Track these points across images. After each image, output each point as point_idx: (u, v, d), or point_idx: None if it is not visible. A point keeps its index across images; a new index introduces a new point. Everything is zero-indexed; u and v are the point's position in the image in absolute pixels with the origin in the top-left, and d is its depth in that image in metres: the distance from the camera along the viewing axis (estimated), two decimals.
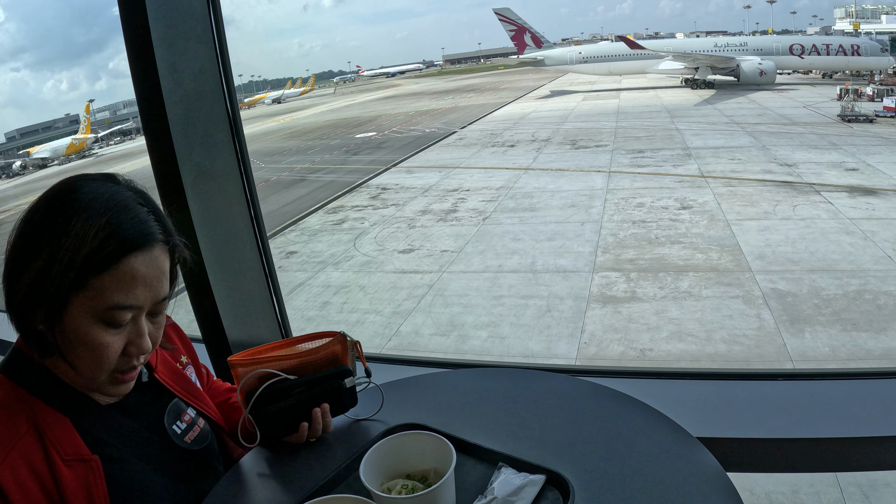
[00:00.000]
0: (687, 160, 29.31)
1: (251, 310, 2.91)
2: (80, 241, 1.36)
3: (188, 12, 2.54)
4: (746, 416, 2.35)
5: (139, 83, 2.43)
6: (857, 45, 59.16)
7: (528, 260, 18.48)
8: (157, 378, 1.74)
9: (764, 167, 27.22)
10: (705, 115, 42.48)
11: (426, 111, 61.56)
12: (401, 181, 30.38)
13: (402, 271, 18.65)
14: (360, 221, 24.05)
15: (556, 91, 69.26)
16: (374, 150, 40.44)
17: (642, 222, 20.87)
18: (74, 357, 1.44)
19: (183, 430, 1.71)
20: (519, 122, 46.58)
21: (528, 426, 1.77)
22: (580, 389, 1.96)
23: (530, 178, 28.01)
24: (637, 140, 34.87)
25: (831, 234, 18.77)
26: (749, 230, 19.37)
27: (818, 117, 39.43)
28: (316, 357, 1.87)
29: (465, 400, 1.98)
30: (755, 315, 14.28)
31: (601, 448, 1.66)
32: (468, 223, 22.50)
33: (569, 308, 15.31)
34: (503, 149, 35.90)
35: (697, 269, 16.90)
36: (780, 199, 22.35)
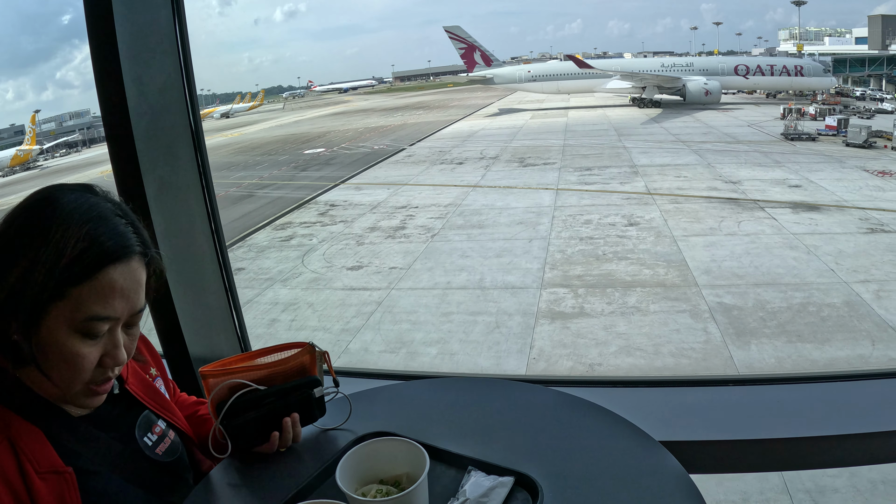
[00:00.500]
0: (634, 177, 29.75)
1: (212, 324, 2.89)
2: (59, 251, 1.36)
3: (154, 24, 2.53)
4: (705, 420, 2.41)
5: (104, 94, 2.40)
6: (801, 66, 60.92)
7: (477, 277, 18.53)
8: (128, 390, 1.73)
9: (709, 184, 27.79)
10: (652, 133, 43.17)
11: (375, 128, 61.49)
12: (349, 198, 30.31)
13: (351, 288, 18.57)
14: (308, 238, 23.94)
15: (504, 109, 69.89)
16: (323, 166, 40.34)
17: (590, 239, 21.08)
18: (49, 368, 1.43)
19: (154, 441, 1.71)
20: (467, 139, 46.89)
21: (495, 432, 1.81)
22: (545, 398, 1.99)
23: (478, 196, 28.17)
24: (585, 158, 35.28)
25: (775, 248, 19.22)
26: (695, 246, 19.71)
27: (762, 136, 40.38)
28: (285, 367, 1.88)
29: (432, 409, 2.01)
30: (702, 329, 14.52)
31: (566, 452, 1.70)
32: (417, 240, 22.51)
33: (517, 324, 15.38)
34: (452, 166, 36.11)
35: (645, 284, 17.12)
36: (726, 215, 22.81)
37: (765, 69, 61.21)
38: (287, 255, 22.02)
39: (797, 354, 13.34)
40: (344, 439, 1.85)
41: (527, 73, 70.32)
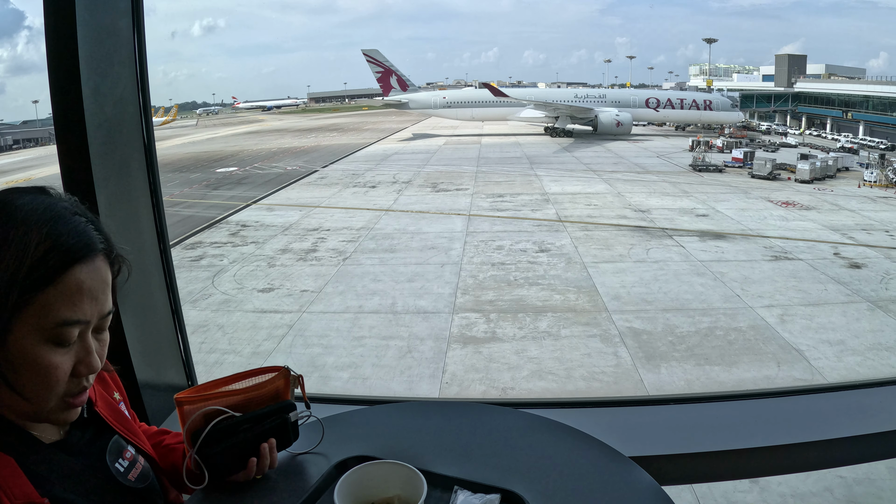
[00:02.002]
0: (545, 205, 30.30)
1: (159, 349, 2.80)
2: (20, 256, 1.29)
3: (114, 33, 2.46)
4: (670, 436, 2.51)
5: (61, 104, 2.31)
6: (710, 101, 63.41)
7: (389, 301, 18.53)
8: (97, 413, 1.65)
9: (619, 212, 28.54)
10: (564, 162, 44.11)
11: (289, 148, 61.13)
12: (261, 218, 30.00)
13: (262, 311, 18.34)
14: (218, 258, 23.56)
15: (418, 134, 70.38)
16: (235, 185, 39.87)
17: (501, 264, 21.32)
18: (21, 384, 1.35)
19: (125, 468, 1.64)
20: (381, 163, 47.04)
21: (475, 453, 1.82)
22: (516, 420, 2.02)
23: (391, 220, 28.22)
24: (497, 185, 35.83)
25: (683, 275, 19.85)
26: (605, 272, 20.17)
27: (671, 167, 41.74)
28: (261, 393, 1.85)
29: (408, 432, 2.00)
30: (612, 353, 14.84)
31: (545, 470, 1.74)
32: (328, 263, 22.40)
33: (430, 349, 15.43)
34: (364, 189, 36.11)
35: (556, 309, 17.38)
36: (635, 242, 23.44)
37: (675, 102, 63.54)
38: (197, 275, 21.57)
39: (706, 377, 13.75)
40: (319, 463, 1.83)
41: (442, 99, 70.96)
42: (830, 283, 19.59)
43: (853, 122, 69.01)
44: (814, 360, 14.58)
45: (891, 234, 25.89)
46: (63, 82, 2.34)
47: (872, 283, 19.82)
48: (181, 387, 2.97)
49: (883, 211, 30.73)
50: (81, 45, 2.30)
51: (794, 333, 15.78)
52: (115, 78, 2.50)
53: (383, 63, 71.59)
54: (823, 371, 14.13)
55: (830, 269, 20.86)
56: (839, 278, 20.00)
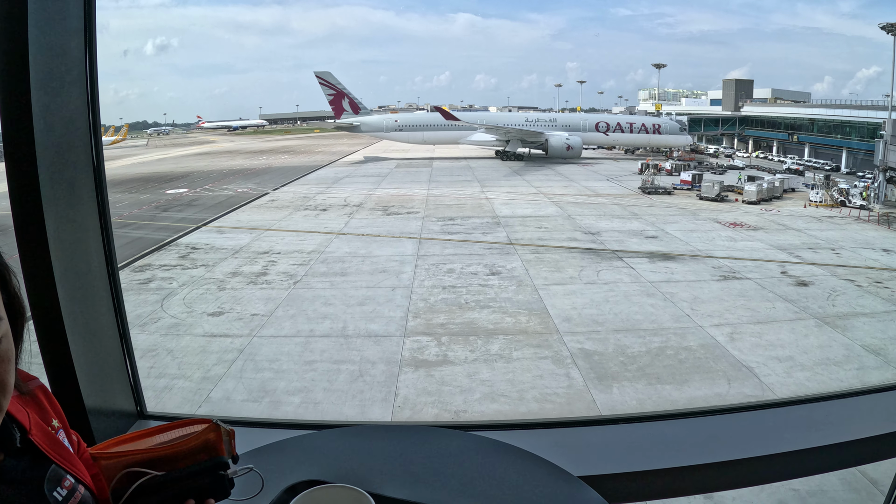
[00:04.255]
0: (496, 228, 30.49)
1: (106, 373, 2.75)
2: None
3: (65, 52, 2.43)
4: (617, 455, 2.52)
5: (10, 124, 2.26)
6: (658, 125, 64.47)
7: (340, 325, 18.46)
8: (31, 441, 1.57)
9: (569, 235, 28.82)
10: (514, 185, 44.44)
11: (240, 170, 60.78)
12: (211, 241, 29.75)
13: (212, 335, 18.14)
14: (168, 281, 23.27)
15: (370, 157, 70.39)
16: (186, 207, 39.46)
17: (452, 287, 21.35)
18: None
19: (64, 496, 1.56)
20: (332, 186, 47.01)
21: (425, 476, 1.82)
22: (464, 442, 2.02)
23: (342, 243, 28.17)
24: (448, 208, 35.96)
25: (634, 296, 20.09)
26: (556, 294, 20.30)
27: (621, 189, 42.28)
28: (189, 447, 1.75)
29: (357, 455, 1.99)
30: (564, 374, 14.94)
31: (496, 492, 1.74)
32: (279, 286, 22.27)
33: (381, 372, 15.41)
34: (315, 212, 36.02)
35: (507, 332, 17.45)
36: (585, 264, 23.65)
37: (624, 126, 64.56)
38: (146, 298, 21.25)
39: (658, 395, 13.90)
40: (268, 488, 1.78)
41: (394, 122, 71.04)
42: (778, 300, 19.97)
43: (799, 144, 70.68)
44: (764, 376, 14.85)
45: (836, 252, 26.55)
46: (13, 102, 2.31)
47: (819, 299, 20.26)
48: (130, 412, 2.91)
49: (828, 230, 31.55)
50: (33, 65, 2.27)
51: (744, 351, 16.06)
52: (65, 97, 2.47)
53: (335, 86, 71.48)
54: (774, 387, 14.39)
55: (778, 288, 21.27)
56: (787, 296, 20.40)
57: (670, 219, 32.82)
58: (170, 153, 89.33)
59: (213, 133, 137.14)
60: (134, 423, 2.92)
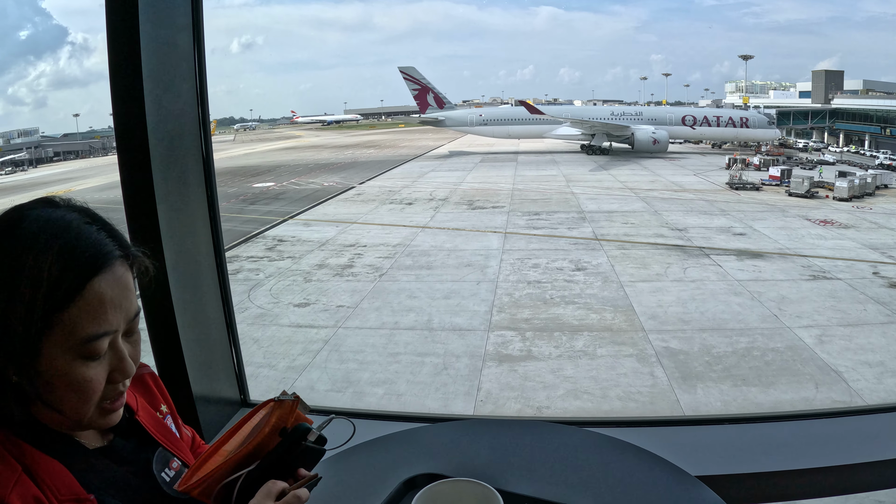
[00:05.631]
0: (581, 223, 30.10)
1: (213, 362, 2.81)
2: (36, 280, 1.25)
3: (175, 47, 2.48)
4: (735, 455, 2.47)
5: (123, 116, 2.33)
6: (746, 118, 62.65)
7: (425, 317, 18.45)
8: (138, 422, 1.63)
9: (656, 231, 28.29)
10: (600, 179, 43.81)
11: (326, 164, 61.41)
12: (298, 233, 30.11)
13: (298, 325, 18.34)
14: (255, 273, 23.64)
15: (455, 151, 70.33)
16: (272, 200, 40.03)
17: (538, 282, 21.18)
18: (58, 401, 1.34)
19: (172, 477, 1.60)
20: (418, 180, 47.02)
21: (541, 470, 1.80)
22: (579, 438, 2.00)
23: (427, 237, 28.18)
24: (533, 202, 35.63)
25: (720, 294, 19.59)
26: (641, 291, 19.97)
27: (708, 185, 41.33)
28: (265, 433, 1.66)
29: (472, 449, 1.99)
30: (648, 372, 14.64)
31: (612, 488, 1.72)
32: (365, 279, 22.39)
33: (465, 366, 15.33)
34: (401, 206, 36.11)
35: (592, 328, 17.22)
36: (672, 261, 23.18)
37: (711, 120, 62.84)
38: (233, 289, 21.38)
39: (743, 398, 13.54)
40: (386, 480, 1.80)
41: (478, 116, 70.80)
42: (870, 302, 19.21)
43: (892, 138, 67.85)
44: (853, 381, 14.28)
45: None
46: (126, 95, 2.36)
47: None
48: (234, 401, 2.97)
49: None
50: (145, 59, 2.32)
51: (833, 354, 15.48)
52: (176, 91, 2.52)
53: (420, 80, 71.61)
54: (862, 393, 13.85)
55: (870, 289, 20.47)
56: (879, 298, 19.61)
57: (758, 215, 31.87)
58: (256, 148, 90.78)
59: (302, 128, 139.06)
60: (237, 411, 2.98)
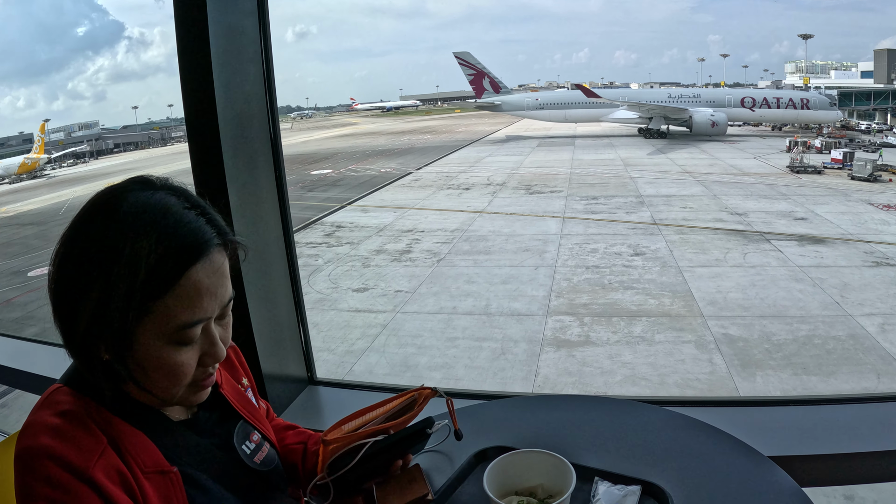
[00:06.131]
0: (640, 207, 29.78)
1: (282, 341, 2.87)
2: (133, 267, 1.25)
3: (242, 31, 2.53)
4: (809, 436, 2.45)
5: (193, 100, 2.39)
6: (807, 99, 60.91)
7: (483, 302, 18.47)
8: (222, 395, 1.66)
9: (715, 216, 27.80)
10: (658, 163, 43.21)
11: (383, 150, 61.67)
12: (356, 220, 30.34)
13: (356, 310, 18.53)
14: (314, 258, 23.88)
15: (512, 136, 69.78)
16: (330, 187, 40.36)
17: (596, 267, 21.05)
18: (149, 382, 1.37)
19: (252, 450, 1.64)
20: (474, 165, 46.90)
21: (614, 446, 1.81)
22: (654, 415, 1.99)
23: (485, 222, 28.14)
24: (591, 187, 35.30)
25: (781, 281, 19.20)
26: (701, 277, 19.69)
27: (768, 168, 40.41)
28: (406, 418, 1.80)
29: (543, 424, 2.00)
30: (707, 359, 14.47)
31: (684, 465, 1.71)
32: (423, 264, 22.51)
33: (523, 351, 15.32)
34: (458, 191, 36.12)
35: (650, 314, 17.07)
36: (731, 246, 22.81)
37: (771, 102, 61.27)
38: None
39: (802, 386, 13.29)
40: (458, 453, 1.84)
41: (535, 100, 70.23)
42: None
43: None
44: None
45: None
46: (195, 79, 2.41)
47: None
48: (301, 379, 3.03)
49: None
50: (213, 43, 2.36)
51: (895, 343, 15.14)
52: (244, 74, 2.56)
53: (475, 65, 71.27)
54: None
55: None
56: None
57: (820, 200, 31.05)
58: (313, 135, 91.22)
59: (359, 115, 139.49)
60: (304, 388, 3.04)
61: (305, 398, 3.03)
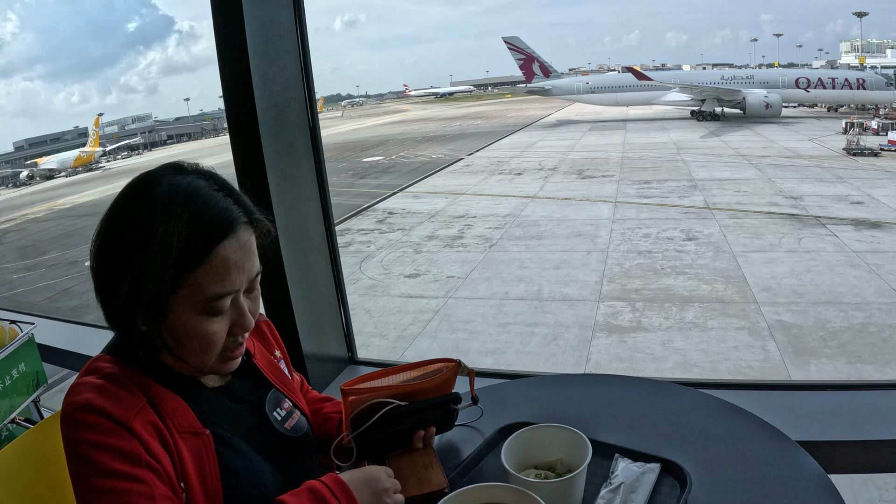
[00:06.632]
0: (693, 191, 29.32)
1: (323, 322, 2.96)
2: (167, 244, 1.38)
3: (277, 23, 2.62)
4: (839, 421, 2.43)
5: (232, 90, 2.50)
6: (863, 79, 58.95)
7: (535, 288, 18.41)
8: (255, 364, 1.78)
9: (769, 199, 27.24)
10: (711, 146, 42.41)
11: (434, 136, 61.60)
12: (407, 206, 30.40)
13: (408, 296, 18.61)
14: (366, 245, 24.06)
15: (563, 120, 69.09)
16: (381, 174, 40.47)
17: (648, 252, 20.84)
18: (183, 351, 1.49)
19: (283, 417, 1.75)
20: (526, 150, 46.53)
21: (635, 424, 1.84)
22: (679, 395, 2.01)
23: (537, 207, 27.99)
24: (643, 171, 34.86)
25: (836, 266, 18.75)
26: (754, 262, 19.36)
27: (823, 150, 39.37)
28: (430, 385, 1.87)
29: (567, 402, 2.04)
30: (760, 346, 14.22)
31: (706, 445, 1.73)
32: (475, 249, 22.49)
33: (574, 337, 15.25)
34: (510, 176, 35.92)
35: (703, 299, 16.85)
36: (786, 231, 22.35)
37: (826, 82, 59.47)
38: (345, 261, 21.80)
39: (857, 376, 13.03)
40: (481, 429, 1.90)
41: (585, 84, 69.46)
42: None
43: None
44: None
45: None
46: (234, 70, 2.52)
47: None
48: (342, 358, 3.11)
49: None
50: (249, 35, 2.45)
51: None
52: (280, 65, 2.65)
53: (525, 50, 70.68)
54: None
55: None
56: None
57: (877, 183, 30.00)
58: (364, 123, 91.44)
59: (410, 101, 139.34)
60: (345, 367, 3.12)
61: (346, 377, 3.05)
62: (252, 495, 1.58)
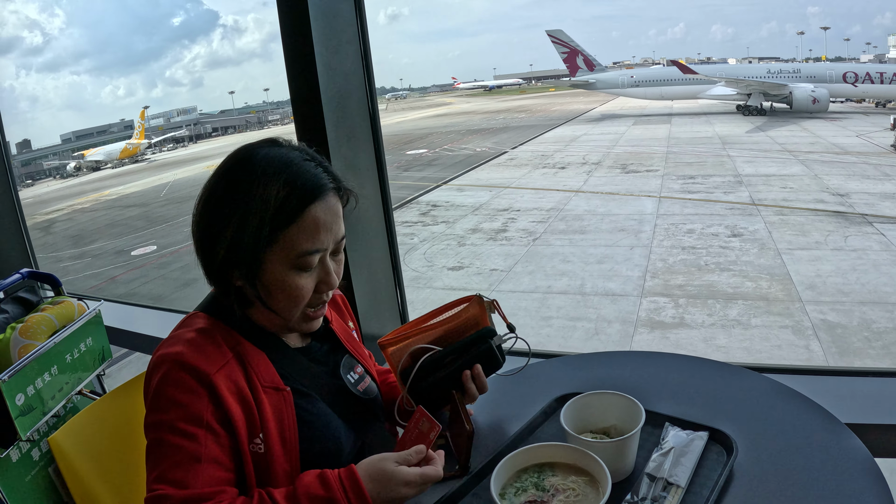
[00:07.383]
0: (738, 187, 28.98)
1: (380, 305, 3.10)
2: (265, 203, 1.54)
3: (339, 14, 2.74)
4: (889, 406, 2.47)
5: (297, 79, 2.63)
6: None
7: (578, 282, 18.38)
8: (332, 330, 1.94)
9: (816, 196, 26.83)
10: (757, 142, 41.82)
11: (478, 130, 61.47)
12: (451, 199, 30.50)
13: (451, 288, 18.66)
14: (409, 237, 24.11)
15: (607, 114, 68.45)
16: (425, 166, 40.60)
17: (692, 248, 20.67)
18: (273, 302, 1.64)
19: (356, 380, 1.90)
20: (570, 144, 46.25)
21: (686, 397, 1.91)
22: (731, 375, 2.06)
23: (581, 201, 27.88)
24: (688, 166, 34.57)
25: (883, 266, 18.41)
26: (800, 260, 19.11)
27: (871, 147, 38.57)
28: (458, 322, 1.99)
29: (621, 376, 2.11)
30: (804, 346, 14.06)
31: (754, 418, 1.78)
32: (518, 243, 22.49)
33: (616, 332, 15.23)
34: (554, 170, 35.79)
35: (747, 297, 16.69)
36: (832, 229, 22.01)
37: (874, 77, 58.05)
38: None
39: None
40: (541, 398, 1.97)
41: (630, 78, 68.69)
42: None
43: None
44: None
45: None
46: (299, 60, 2.65)
47: None
48: None
49: None
50: (313, 25, 2.57)
51: None
52: (343, 54, 2.77)
53: (568, 43, 70.14)
54: None
55: None
56: None
57: None
58: (408, 116, 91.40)
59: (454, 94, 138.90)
60: None
61: None
62: (328, 449, 1.74)
